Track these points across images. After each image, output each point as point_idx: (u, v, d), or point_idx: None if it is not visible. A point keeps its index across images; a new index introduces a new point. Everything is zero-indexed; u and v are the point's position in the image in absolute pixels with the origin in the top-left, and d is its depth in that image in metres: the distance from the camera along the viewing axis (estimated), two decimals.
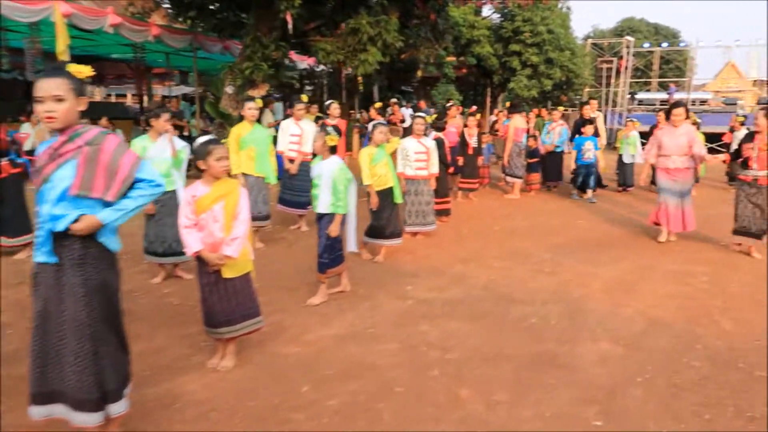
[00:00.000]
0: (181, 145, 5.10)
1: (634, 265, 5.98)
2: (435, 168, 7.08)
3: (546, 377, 3.50)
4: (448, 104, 11.10)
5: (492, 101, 28.24)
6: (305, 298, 4.77)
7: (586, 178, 9.90)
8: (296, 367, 3.57)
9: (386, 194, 5.89)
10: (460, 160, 9.73)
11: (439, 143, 7.83)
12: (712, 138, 16.14)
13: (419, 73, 18.69)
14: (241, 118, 6.69)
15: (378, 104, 9.52)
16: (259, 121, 6.53)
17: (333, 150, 4.58)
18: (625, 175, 10.84)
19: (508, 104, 12.59)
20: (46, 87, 2.40)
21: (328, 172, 4.53)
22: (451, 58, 24.35)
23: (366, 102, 20.27)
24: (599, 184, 10.43)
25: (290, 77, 21.63)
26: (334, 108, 8.41)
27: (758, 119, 6.09)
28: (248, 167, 6.20)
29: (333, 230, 4.59)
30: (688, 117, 7.19)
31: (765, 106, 7.60)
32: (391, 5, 11.14)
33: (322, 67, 17.61)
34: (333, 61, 10.97)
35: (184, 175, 5.14)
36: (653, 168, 7.22)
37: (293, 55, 15.31)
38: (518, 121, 10.32)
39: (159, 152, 4.98)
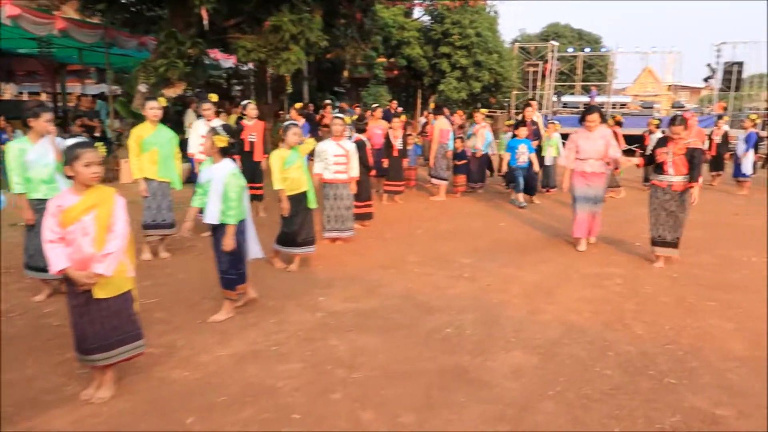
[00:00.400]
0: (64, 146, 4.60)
1: (553, 269, 5.94)
2: (355, 171, 6.84)
3: (456, 394, 3.31)
4: (373, 105, 10.90)
5: (423, 103, 28.37)
6: (208, 314, 4.40)
7: (518, 180, 9.58)
8: (183, 395, 3.21)
9: (299, 199, 5.56)
10: (385, 162, 9.56)
11: (360, 145, 7.59)
12: (631, 140, 16.77)
13: (346, 74, 18.35)
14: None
15: (298, 105, 9.16)
16: (164, 122, 6.06)
17: (225, 152, 4.22)
18: (547, 176, 10.97)
19: (432, 106, 12.53)
20: None
21: (219, 177, 4.14)
22: (382, 60, 24.24)
23: (296, 102, 19.83)
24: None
25: (216, 76, 20.90)
26: (251, 108, 8.01)
27: (674, 125, 5.85)
28: (151, 171, 5.74)
29: (227, 244, 4.16)
30: (603, 121, 7.22)
31: (679, 110, 7.79)
32: (314, 3, 10.83)
33: (249, 66, 17.04)
34: (254, 59, 10.56)
35: None
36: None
37: (218, 53, 14.73)
38: (443, 122, 10.24)
39: (40, 156, 4.48)
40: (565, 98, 31.52)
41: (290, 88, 20.75)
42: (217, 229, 4.22)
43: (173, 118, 10.63)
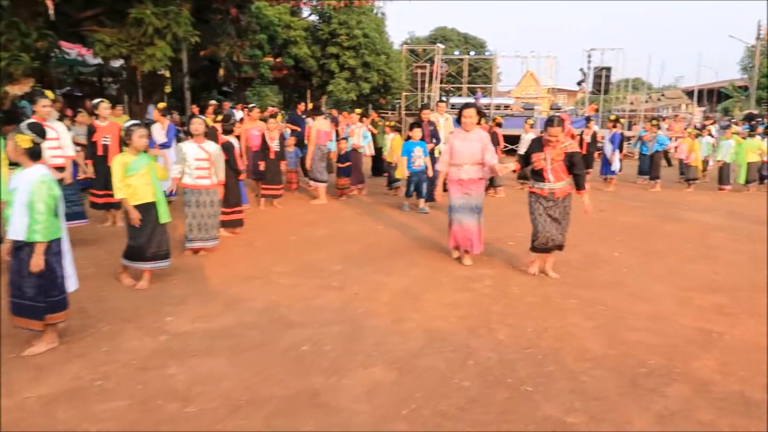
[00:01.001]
0: None
1: (424, 273, 5.81)
2: (220, 175, 6.36)
3: (302, 422, 3.00)
4: (250, 106, 10.38)
5: (314, 104, 27.97)
6: (25, 346, 3.78)
7: (418, 186, 9.03)
8: None
9: (146, 209, 4.99)
10: (262, 165, 9.10)
11: (228, 147, 7.11)
12: (512, 140, 17.46)
13: (221, 72, 17.55)
14: None
15: (161, 104, 8.44)
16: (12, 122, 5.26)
17: (34, 155, 3.63)
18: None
19: (310, 106, 12.22)
20: None
21: (25, 185, 3.55)
22: (269, 59, 23.55)
23: (180, 103, 18.69)
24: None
25: (86, 74, 19.27)
26: (103, 108, 7.27)
27: (551, 127, 5.37)
28: None
29: (35, 264, 3.54)
30: (480, 122, 7.04)
31: (557, 111, 7.89)
32: None
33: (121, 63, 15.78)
34: (114, 54, 9.67)
35: None
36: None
37: (83, 49, 13.50)
38: (321, 123, 9.93)
39: None
40: (453, 100, 32.38)
41: (169, 88, 19.63)
42: (22, 248, 3.58)
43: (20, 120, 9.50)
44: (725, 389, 3.42)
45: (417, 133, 9.01)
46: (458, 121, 6.55)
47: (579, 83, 31.33)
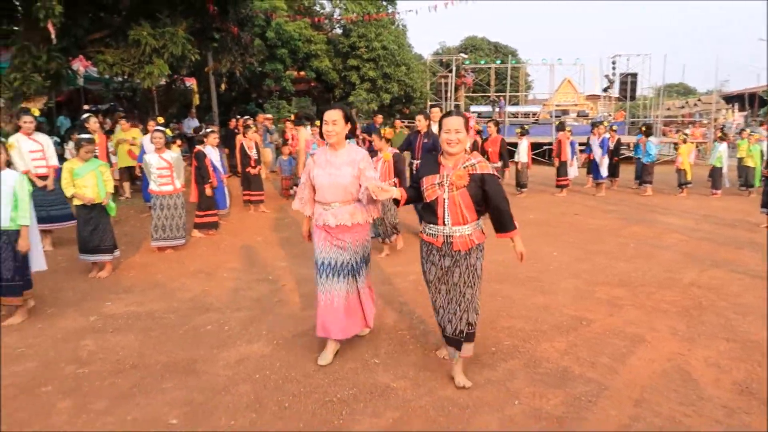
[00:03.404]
0: None
1: None
2: (178, 182, 7.06)
3: (166, 382, 3.58)
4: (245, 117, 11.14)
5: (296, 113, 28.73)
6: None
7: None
8: None
9: (90, 208, 5.82)
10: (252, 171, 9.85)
11: (199, 156, 7.85)
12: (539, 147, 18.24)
13: (223, 87, 18.52)
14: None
15: (160, 119, 9.17)
16: None
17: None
18: None
19: (293, 117, 12.90)
20: None
21: (8, 182, 4.51)
22: (291, 72, 24.52)
23: (205, 114, 19.81)
24: None
25: (116, 90, 20.60)
26: (92, 122, 8.11)
27: (448, 120, 3.49)
28: None
29: (23, 246, 4.59)
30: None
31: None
32: (179, 18, 10.98)
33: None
34: (117, 72, 10.60)
35: None
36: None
37: None
38: (307, 132, 10.60)
39: None
40: (478, 108, 32.64)
41: (197, 101, 20.73)
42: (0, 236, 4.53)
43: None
44: (553, 365, 3.81)
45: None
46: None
47: (605, 90, 31.15)
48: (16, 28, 10.36)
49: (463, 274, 3.45)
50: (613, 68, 29.09)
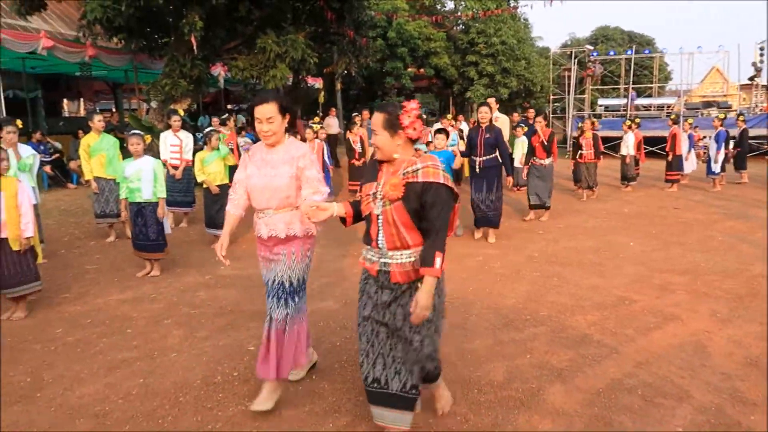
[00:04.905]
0: (28, 152, 6.24)
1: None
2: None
3: (251, 324, 4.56)
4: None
5: (458, 109, 29.37)
6: (133, 273, 5.88)
7: None
8: (69, 321, 4.67)
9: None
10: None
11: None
12: (655, 142, 17.67)
13: (338, 86, 19.83)
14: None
15: (224, 117, 10.53)
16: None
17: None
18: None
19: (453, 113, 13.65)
20: None
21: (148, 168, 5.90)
22: (411, 69, 25.52)
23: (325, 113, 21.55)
24: None
25: (254, 91, 22.83)
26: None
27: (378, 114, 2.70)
28: (100, 171, 7.36)
29: (161, 213, 5.98)
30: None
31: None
32: (301, 26, 12.31)
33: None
34: (246, 76, 12.14)
35: (34, 178, 6.28)
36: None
37: None
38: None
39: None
40: (606, 101, 31.45)
41: (322, 98, 22.42)
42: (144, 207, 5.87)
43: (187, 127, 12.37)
44: (576, 332, 4.25)
45: (440, 141, 7.33)
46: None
47: (751, 78, 28.67)
48: (167, 40, 12.27)
49: (408, 317, 2.57)
50: (761, 55, 26.72)
